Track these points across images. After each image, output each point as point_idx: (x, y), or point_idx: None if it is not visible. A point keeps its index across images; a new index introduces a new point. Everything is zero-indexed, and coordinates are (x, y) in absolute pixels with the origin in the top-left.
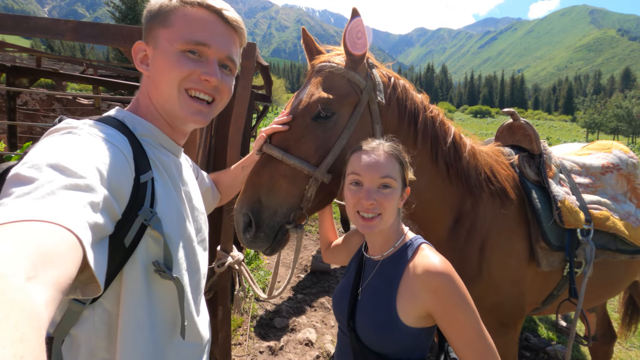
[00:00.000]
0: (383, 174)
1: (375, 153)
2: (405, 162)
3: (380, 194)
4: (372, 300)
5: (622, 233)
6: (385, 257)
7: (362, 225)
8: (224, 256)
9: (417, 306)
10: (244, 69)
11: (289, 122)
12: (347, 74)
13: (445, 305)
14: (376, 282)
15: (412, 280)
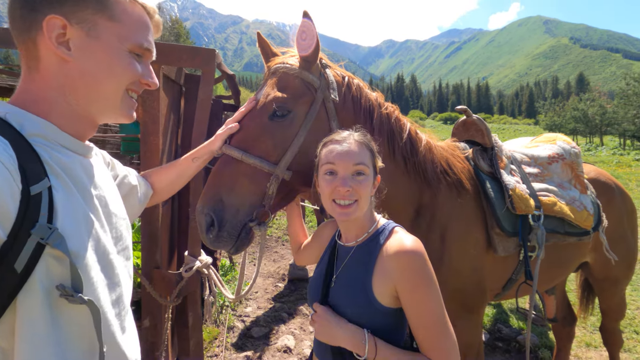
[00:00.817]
0: (356, 161)
1: (347, 142)
2: (375, 151)
3: (355, 181)
4: (347, 284)
5: (568, 217)
6: (359, 242)
7: (339, 213)
8: (192, 261)
9: (390, 285)
10: (204, 74)
11: (247, 122)
12: (300, 73)
13: (408, 281)
14: (351, 267)
15: (386, 260)
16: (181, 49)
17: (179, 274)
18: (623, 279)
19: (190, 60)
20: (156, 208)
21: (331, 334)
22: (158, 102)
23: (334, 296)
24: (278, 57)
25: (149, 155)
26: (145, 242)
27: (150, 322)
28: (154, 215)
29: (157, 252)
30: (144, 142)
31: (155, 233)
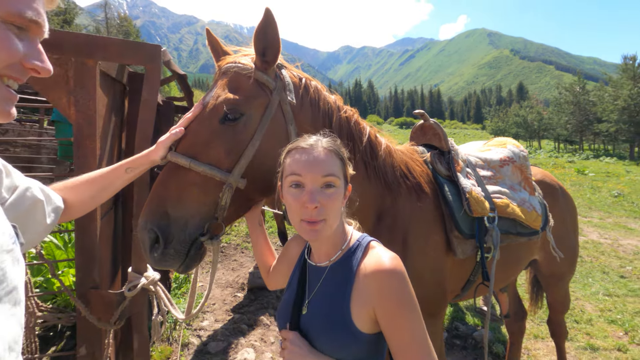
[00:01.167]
0: (325, 172)
1: (315, 150)
2: (345, 158)
3: (324, 194)
4: (322, 310)
5: (520, 218)
6: (333, 261)
7: (307, 231)
8: (136, 278)
9: (369, 308)
10: (149, 72)
11: (195, 127)
12: (254, 74)
13: (388, 304)
14: (326, 289)
15: (363, 281)
16: (122, 44)
17: (121, 294)
18: (567, 274)
19: (132, 56)
20: (93, 220)
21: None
22: (94, 101)
23: (306, 323)
24: (229, 57)
25: (84, 162)
26: (80, 259)
27: (87, 350)
28: (91, 228)
29: (95, 270)
30: (78, 147)
31: (92, 248)
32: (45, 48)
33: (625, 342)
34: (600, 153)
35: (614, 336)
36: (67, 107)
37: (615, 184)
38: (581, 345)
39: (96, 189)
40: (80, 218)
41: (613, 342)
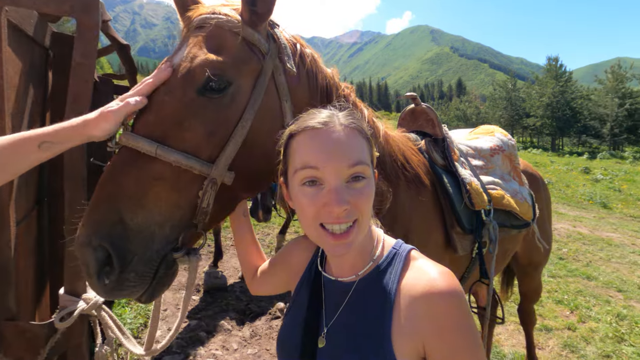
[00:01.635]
0: (352, 161)
1: (333, 130)
2: (370, 136)
3: (353, 190)
4: (349, 342)
5: (515, 209)
6: (361, 276)
7: (333, 245)
8: (71, 302)
9: (417, 340)
10: (82, 26)
11: (161, 98)
12: (243, 30)
13: (445, 338)
14: (353, 314)
15: (410, 305)
16: None
17: (50, 325)
18: (543, 263)
19: (56, 3)
20: (5, 227)
21: None
22: (1, 64)
23: (326, 357)
24: (201, 6)
25: None
26: None
27: None
28: (1, 238)
29: (11, 294)
30: None
31: (4, 267)
32: None
33: (573, 321)
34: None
35: (562, 315)
36: None
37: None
38: (536, 327)
39: None
40: None
41: (563, 322)
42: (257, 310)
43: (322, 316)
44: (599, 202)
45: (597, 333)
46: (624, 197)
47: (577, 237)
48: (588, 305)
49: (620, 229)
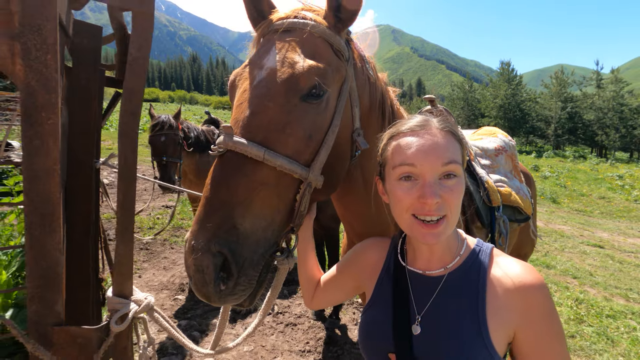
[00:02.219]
0: (446, 160)
1: (429, 133)
2: (463, 140)
3: (445, 187)
4: (448, 328)
5: (520, 205)
6: (451, 269)
7: (424, 234)
8: (123, 304)
9: (509, 328)
10: (138, 19)
11: (262, 103)
12: (331, 37)
13: (537, 327)
14: (447, 304)
15: (503, 296)
16: None
17: (104, 328)
18: (530, 254)
19: None
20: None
21: None
22: (55, 54)
23: (421, 344)
24: (287, 10)
25: (41, 146)
26: (36, 286)
27: None
28: (50, 243)
29: (59, 299)
30: (32, 123)
31: (53, 270)
32: None
33: None
34: None
35: None
36: (9, 60)
37: None
38: None
39: None
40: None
41: None
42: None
43: (413, 307)
44: (549, 198)
45: (561, 316)
46: (569, 193)
47: None
48: (551, 291)
49: (569, 222)
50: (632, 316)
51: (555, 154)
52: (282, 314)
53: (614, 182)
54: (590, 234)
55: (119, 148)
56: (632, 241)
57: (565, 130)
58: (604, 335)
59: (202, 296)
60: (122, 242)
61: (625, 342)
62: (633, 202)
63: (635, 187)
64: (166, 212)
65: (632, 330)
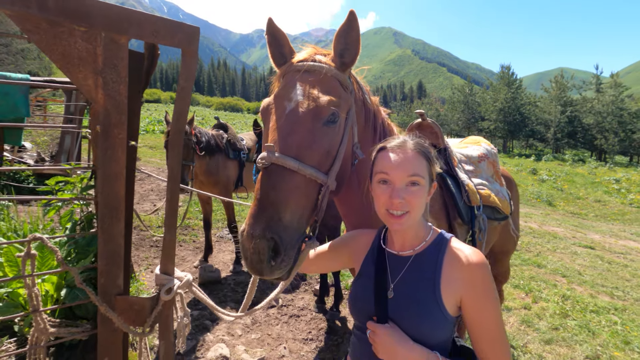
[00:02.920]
0: (411, 173)
1: (402, 151)
2: (432, 158)
3: (408, 191)
4: (413, 294)
5: (498, 205)
6: (418, 251)
7: (392, 222)
8: (168, 280)
9: (456, 295)
10: (186, 56)
11: (293, 127)
12: (339, 76)
13: (476, 292)
14: (413, 276)
15: (452, 270)
16: (159, 21)
17: (155, 298)
18: (512, 250)
19: (168, 37)
20: (119, 221)
21: (398, 354)
22: (125, 85)
23: (394, 308)
24: (304, 52)
25: (112, 154)
26: (105, 264)
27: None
28: (117, 230)
29: (120, 275)
30: (106, 137)
31: (117, 252)
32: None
33: (529, 302)
34: None
35: (520, 298)
36: (93, 90)
37: None
38: None
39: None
40: (106, 218)
41: (520, 303)
42: (253, 300)
43: (389, 278)
44: (545, 201)
45: (547, 311)
46: (565, 196)
47: (528, 231)
48: (539, 288)
49: (563, 224)
50: (614, 312)
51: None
52: (286, 307)
53: (610, 185)
54: (583, 236)
55: (169, 158)
56: (623, 243)
57: (564, 134)
58: (586, 328)
59: (255, 272)
60: (168, 232)
61: (606, 335)
62: (628, 206)
63: (631, 191)
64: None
65: (613, 324)
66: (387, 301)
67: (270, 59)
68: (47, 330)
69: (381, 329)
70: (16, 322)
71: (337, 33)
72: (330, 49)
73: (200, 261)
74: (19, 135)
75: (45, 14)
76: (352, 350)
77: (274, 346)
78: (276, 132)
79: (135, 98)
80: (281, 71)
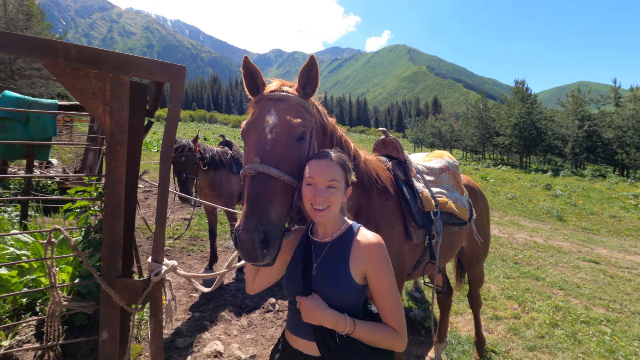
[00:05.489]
0: (330, 178)
1: (325, 161)
2: (349, 168)
3: (328, 192)
4: (329, 270)
5: (455, 211)
6: (334, 238)
7: (315, 214)
8: (157, 266)
9: (361, 268)
10: (174, 88)
11: (274, 144)
12: (303, 103)
13: (375, 264)
14: (330, 257)
15: (358, 250)
16: (153, 64)
17: (146, 280)
18: (483, 255)
19: (161, 75)
20: (120, 217)
21: (317, 317)
22: (126, 112)
23: (316, 282)
24: (273, 84)
25: (116, 165)
26: (107, 251)
27: (109, 334)
28: (118, 224)
29: (119, 260)
30: (111, 152)
31: (118, 242)
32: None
33: (519, 312)
34: (498, 162)
35: (511, 308)
36: (102, 116)
37: (509, 189)
38: (489, 317)
39: None
40: (110, 215)
41: (511, 312)
42: (251, 304)
43: (313, 260)
44: (555, 216)
45: (537, 320)
46: (579, 211)
47: (532, 245)
48: (533, 300)
49: (570, 239)
50: (607, 323)
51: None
52: (281, 312)
53: (628, 201)
54: (589, 251)
55: (161, 167)
56: (630, 258)
57: (583, 148)
58: (573, 337)
59: (250, 259)
60: (159, 226)
61: (592, 344)
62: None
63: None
64: (184, 223)
65: (602, 335)
66: (311, 278)
67: (245, 88)
68: (61, 302)
69: (304, 299)
70: (37, 304)
71: (301, 71)
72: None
73: (206, 269)
74: (47, 152)
75: (69, 62)
76: (288, 321)
77: (267, 346)
78: (259, 147)
79: (140, 120)
80: (256, 99)
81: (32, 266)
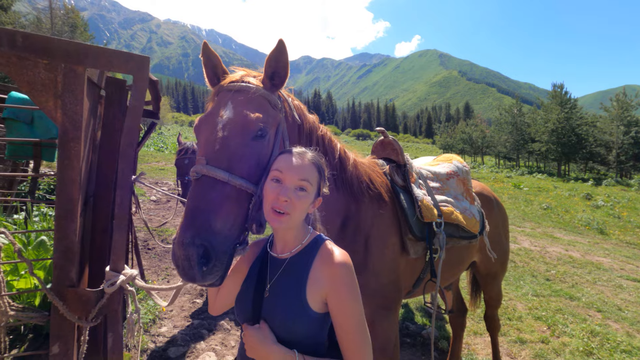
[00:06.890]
0: (302, 177)
1: (300, 157)
2: (324, 174)
3: (295, 194)
4: (282, 293)
5: (462, 223)
6: (293, 254)
7: (272, 218)
8: (115, 276)
9: (321, 292)
10: (136, 81)
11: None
12: (268, 96)
13: (337, 289)
14: (286, 277)
15: (318, 270)
16: (112, 53)
17: (100, 291)
18: (500, 273)
19: (122, 66)
20: (73, 221)
21: (260, 354)
22: (82, 106)
23: (267, 305)
24: (235, 75)
25: (69, 164)
26: (58, 258)
27: (60, 348)
28: (71, 228)
29: (73, 269)
30: (63, 149)
31: (71, 248)
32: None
33: (547, 335)
34: (534, 170)
35: (539, 330)
36: (53, 110)
37: (544, 198)
38: (512, 339)
39: None
40: (61, 218)
41: (538, 336)
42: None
43: (267, 280)
44: (596, 228)
45: (569, 347)
46: (623, 224)
47: (567, 260)
48: (565, 322)
49: (612, 254)
50: None
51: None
52: None
53: None
54: (634, 269)
55: (120, 165)
56: None
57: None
58: None
59: (187, 278)
60: (117, 231)
61: None
62: None
63: None
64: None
65: None
66: (263, 301)
67: (206, 79)
68: (7, 312)
69: (248, 329)
70: None
71: (268, 58)
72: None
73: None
74: (53, 153)
75: (14, 50)
76: (238, 349)
77: None
78: (207, 147)
79: (118, 117)
80: (215, 91)
81: None
